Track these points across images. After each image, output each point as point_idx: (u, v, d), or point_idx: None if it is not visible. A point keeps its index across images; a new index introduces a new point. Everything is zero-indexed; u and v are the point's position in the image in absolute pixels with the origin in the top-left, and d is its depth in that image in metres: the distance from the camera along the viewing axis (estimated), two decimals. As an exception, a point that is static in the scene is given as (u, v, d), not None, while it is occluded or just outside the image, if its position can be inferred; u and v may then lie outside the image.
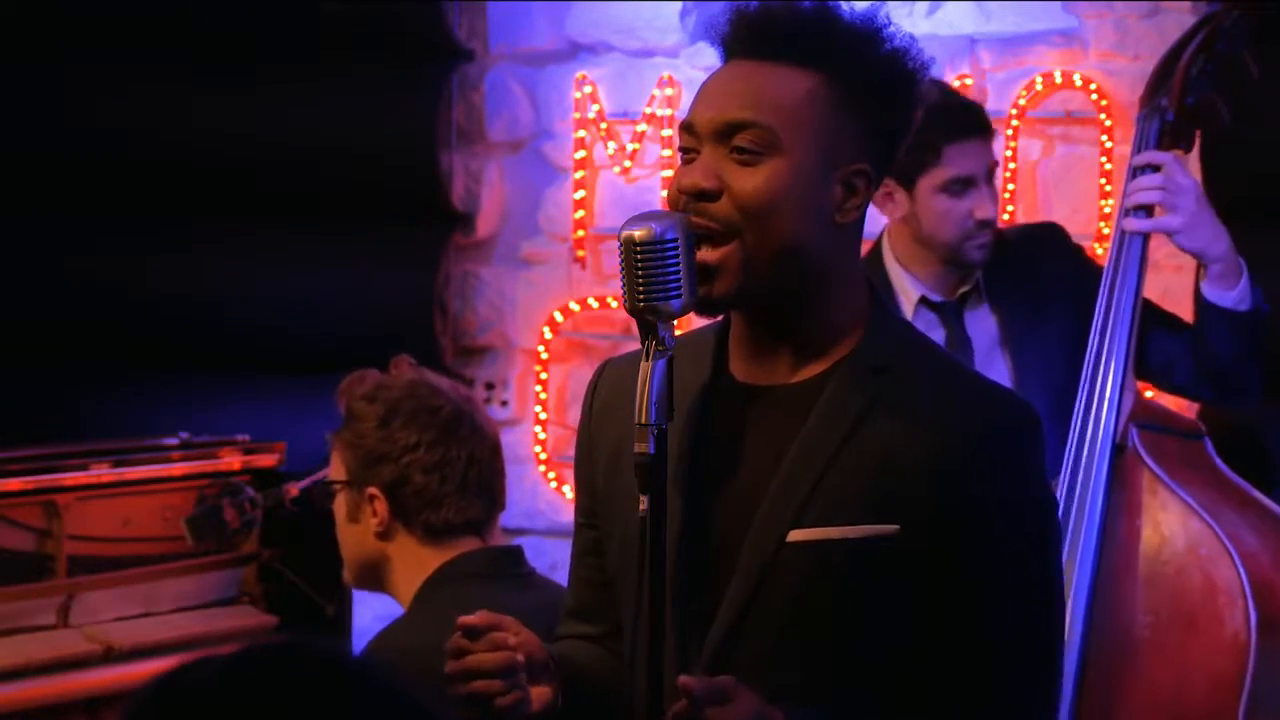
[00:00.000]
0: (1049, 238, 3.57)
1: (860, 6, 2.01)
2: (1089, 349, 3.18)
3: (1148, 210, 3.20)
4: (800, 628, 1.92)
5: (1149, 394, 3.75)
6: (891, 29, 1.99)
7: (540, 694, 1.97)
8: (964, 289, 3.44)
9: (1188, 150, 3.31)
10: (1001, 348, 3.40)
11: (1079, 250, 3.56)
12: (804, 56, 1.96)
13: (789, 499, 1.93)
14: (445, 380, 2.82)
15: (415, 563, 2.73)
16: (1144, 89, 3.34)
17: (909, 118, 2.01)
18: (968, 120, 3.36)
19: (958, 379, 2.01)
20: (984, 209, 3.34)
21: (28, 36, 4.94)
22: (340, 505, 2.81)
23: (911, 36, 2.01)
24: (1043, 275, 3.45)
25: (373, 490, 2.73)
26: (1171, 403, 3.81)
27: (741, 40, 1.99)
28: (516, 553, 2.79)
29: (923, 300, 3.41)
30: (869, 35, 1.98)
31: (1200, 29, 3.28)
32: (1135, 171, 3.23)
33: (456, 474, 2.73)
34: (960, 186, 3.34)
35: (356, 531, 2.78)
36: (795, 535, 1.92)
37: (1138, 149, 3.26)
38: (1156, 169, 3.19)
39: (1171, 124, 3.23)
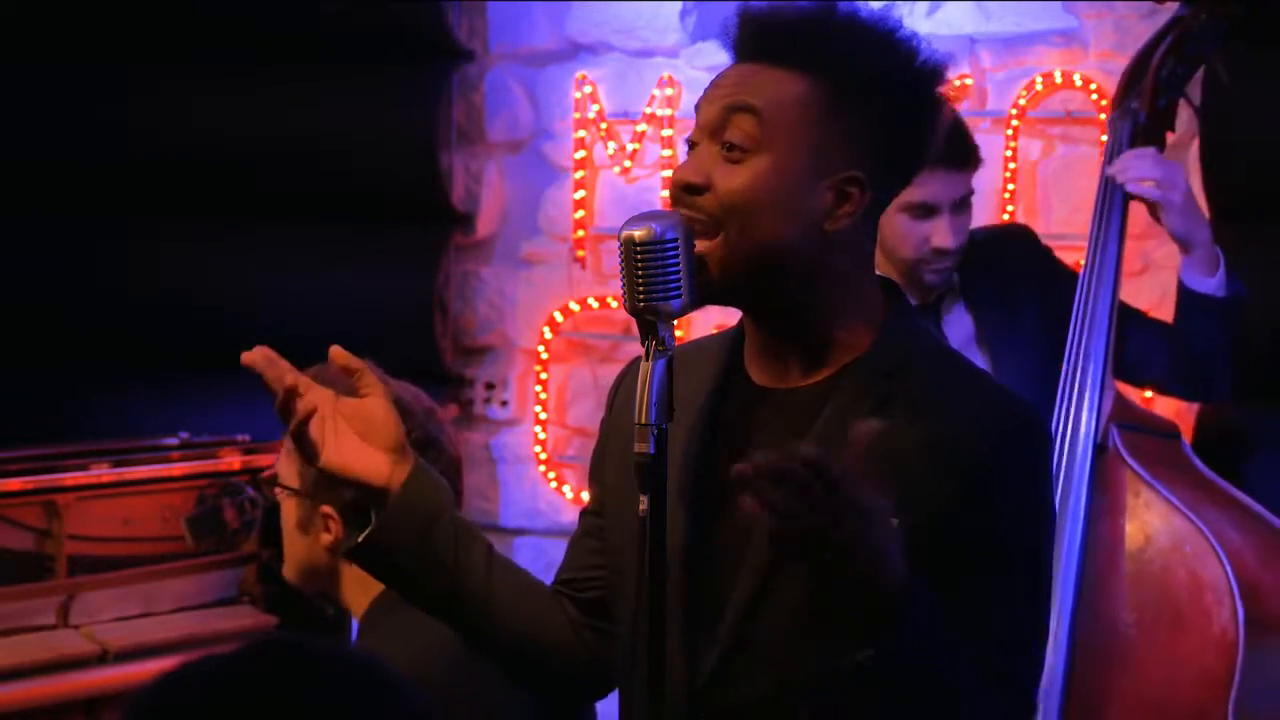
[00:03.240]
0: (1019, 239, 3.58)
1: (871, 7, 2.01)
2: (1068, 350, 3.18)
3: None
4: (807, 624, 1.92)
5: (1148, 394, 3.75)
6: (900, 31, 1.97)
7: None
8: (939, 290, 3.44)
9: (1159, 152, 3.32)
10: (977, 347, 3.40)
11: (1048, 252, 3.56)
12: (799, 60, 1.96)
13: None
14: (408, 390, 2.73)
15: (366, 580, 2.61)
16: (1115, 92, 3.34)
17: (919, 120, 1.99)
18: (942, 149, 3.31)
19: (968, 382, 2.01)
20: (941, 238, 3.31)
21: (28, 36, 4.94)
22: (290, 511, 2.74)
23: (921, 37, 1.99)
24: (1014, 276, 3.45)
25: (328, 510, 2.66)
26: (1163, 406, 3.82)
27: (743, 42, 2.00)
28: None
29: None
30: (872, 38, 1.97)
31: (1169, 31, 3.29)
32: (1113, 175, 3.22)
33: None
34: (921, 212, 3.30)
35: (306, 542, 2.72)
36: None
37: (1111, 151, 3.26)
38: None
39: (1144, 126, 3.24)
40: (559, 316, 4.74)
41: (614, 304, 4.65)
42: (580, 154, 4.69)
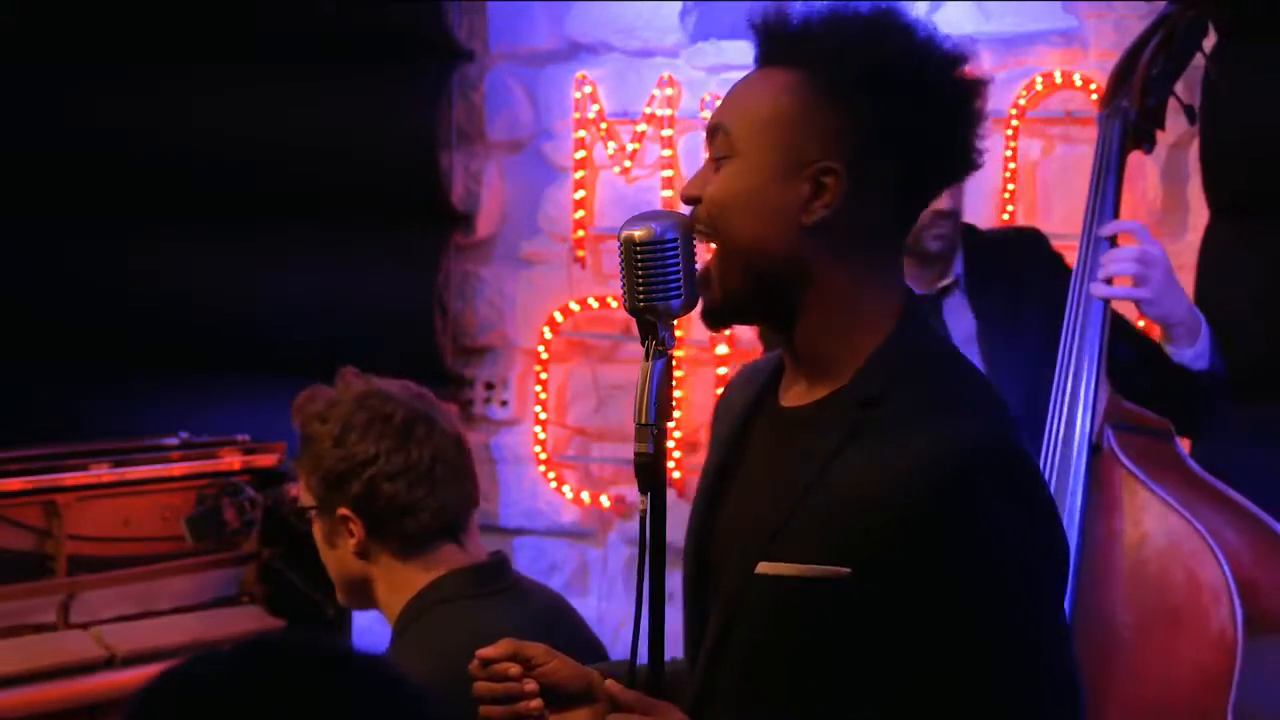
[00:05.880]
0: (1029, 243, 3.56)
1: (871, 4, 1.99)
2: (1061, 350, 3.16)
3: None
4: (767, 659, 1.89)
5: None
6: (902, 22, 1.95)
7: None
8: (943, 283, 3.44)
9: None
10: (977, 343, 3.39)
11: (1058, 258, 3.55)
12: (786, 56, 1.95)
13: (763, 529, 1.90)
14: (395, 384, 2.75)
15: (399, 581, 2.68)
16: (1104, 91, 3.33)
17: (922, 112, 1.96)
18: None
19: (941, 415, 1.89)
20: (938, 200, 3.30)
21: (28, 36, 4.95)
22: (318, 530, 2.75)
23: (929, 29, 1.97)
24: (1021, 279, 3.43)
25: (344, 511, 2.67)
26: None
27: (754, 45, 2.01)
28: (500, 565, 2.72)
29: None
30: (868, 31, 1.94)
31: (1157, 29, 3.28)
32: (1099, 241, 3.16)
33: (424, 476, 2.67)
34: None
35: (337, 555, 2.72)
36: (763, 568, 1.88)
37: (1101, 151, 3.24)
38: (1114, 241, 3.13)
39: (1134, 124, 3.23)
40: (559, 316, 4.74)
41: (614, 304, 4.65)
42: (580, 154, 4.69)
